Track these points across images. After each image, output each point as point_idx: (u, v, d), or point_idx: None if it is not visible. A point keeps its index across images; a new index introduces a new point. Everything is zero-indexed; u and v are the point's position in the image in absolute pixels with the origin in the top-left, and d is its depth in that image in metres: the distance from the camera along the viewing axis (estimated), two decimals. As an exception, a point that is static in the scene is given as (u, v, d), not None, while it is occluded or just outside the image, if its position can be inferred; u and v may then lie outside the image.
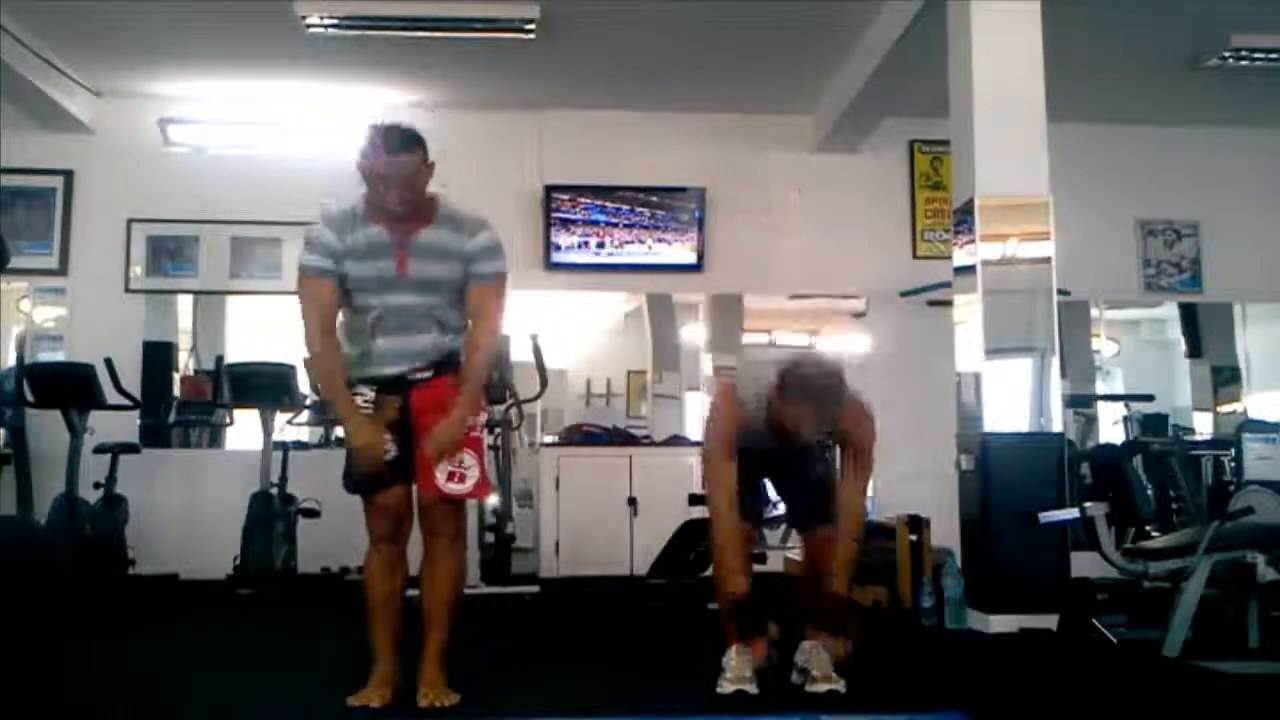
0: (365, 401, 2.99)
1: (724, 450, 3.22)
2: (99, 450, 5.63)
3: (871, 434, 3.32)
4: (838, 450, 3.38)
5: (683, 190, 6.88)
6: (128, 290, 6.64)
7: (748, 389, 3.22)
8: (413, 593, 3.06)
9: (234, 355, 6.45)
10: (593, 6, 5.48)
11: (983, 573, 4.49)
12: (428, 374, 3.01)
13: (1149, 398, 6.97)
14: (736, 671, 3.09)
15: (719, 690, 3.05)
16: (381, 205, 2.94)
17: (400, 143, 2.92)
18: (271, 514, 5.59)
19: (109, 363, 5.66)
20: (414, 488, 3.01)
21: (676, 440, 6.74)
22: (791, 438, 3.16)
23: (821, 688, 3.06)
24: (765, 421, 3.16)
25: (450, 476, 2.96)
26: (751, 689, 3.05)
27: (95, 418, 5.66)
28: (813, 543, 3.42)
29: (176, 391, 6.80)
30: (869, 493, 3.40)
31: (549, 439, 6.81)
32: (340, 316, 3.04)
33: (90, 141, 6.66)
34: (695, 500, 5.53)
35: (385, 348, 2.98)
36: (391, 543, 3.02)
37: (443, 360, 3.02)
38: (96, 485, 5.57)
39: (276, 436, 5.80)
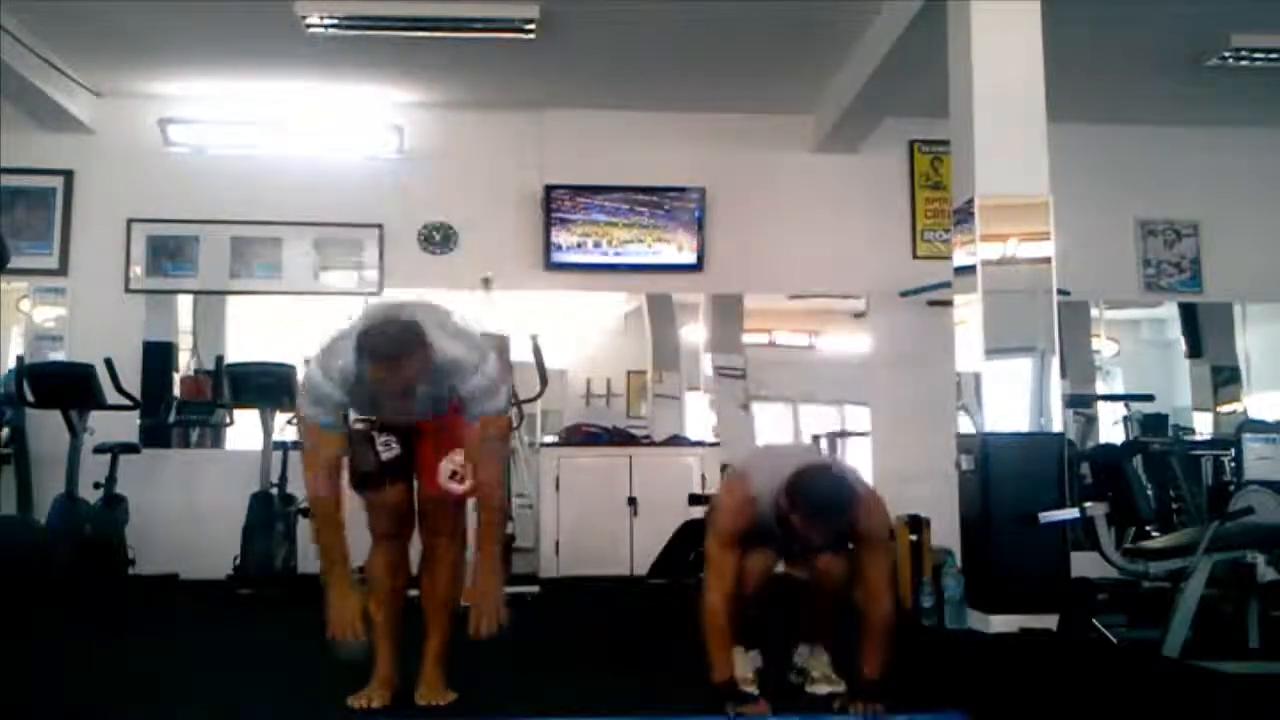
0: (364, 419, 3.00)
1: (726, 543, 3.02)
2: (99, 450, 5.63)
3: (884, 526, 3.07)
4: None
5: (683, 190, 6.88)
6: (128, 290, 6.64)
7: (763, 485, 2.98)
8: (413, 593, 3.06)
9: (234, 355, 6.45)
10: (593, 6, 5.48)
11: (983, 573, 4.49)
12: None
13: (1149, 398, 6.97)
14: (737, 673, 3.08)
15: (718, 691, 3.04)
16: (379, 401, 2.86)
17: (391, 349, 2.71)
18: (271, 514, 5.60)
19: (109, 363, 5.67)
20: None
21: (676, 440, 6.75)
22: (801, 543, 2.96)
23: (821, 689, 3.06)
24: (775, 521, 2.95)
25: (452, 475, 2.96)
26: (750, 691, 3.05)
27: (95, 418, 5.67)
28: (815, 567, 3.30)
29: (176, 391, 6.80)
30: (891, 583, 3.09)
31: (549, 439, 6.81)
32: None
33: (90, 141, 6.66)
34: (695, 500, 5.55)
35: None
36: (394, 540, 3.03)
37: None
38: (96, 485, 5.57)
39: (276, 436, 5.80)
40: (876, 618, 2.89)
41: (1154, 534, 4.74)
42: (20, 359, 6.13)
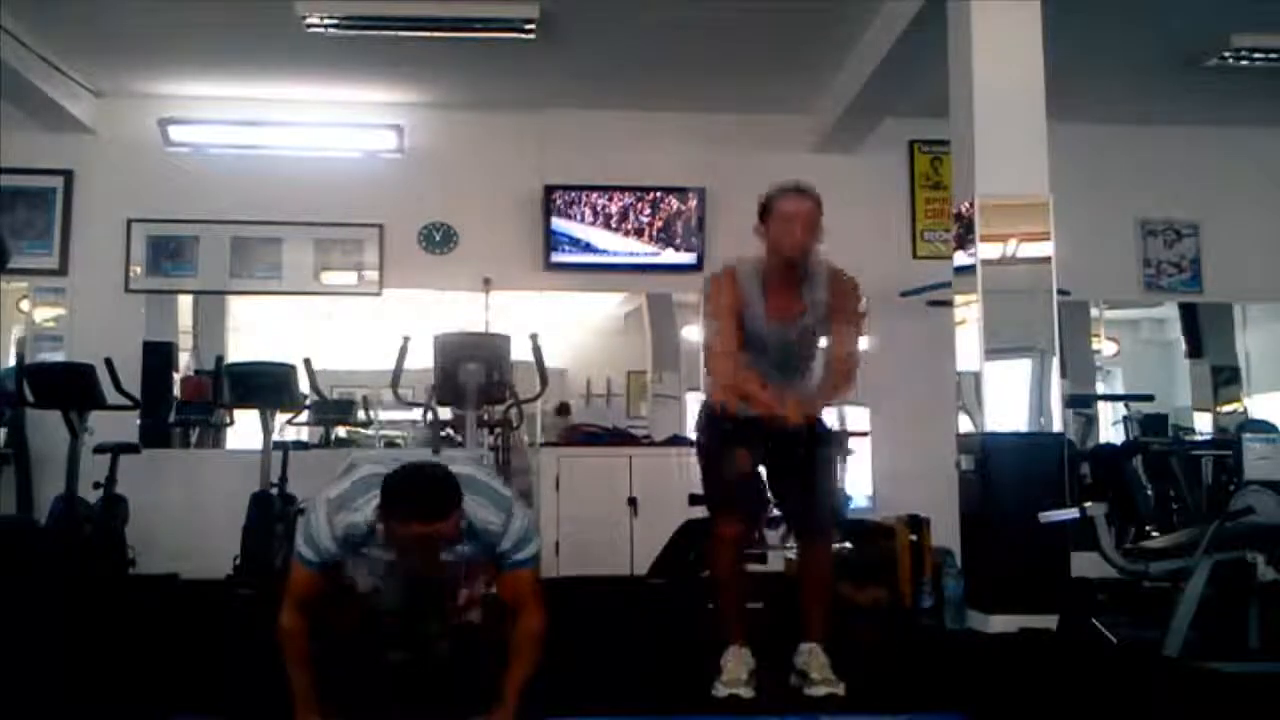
0: None
1: (724, 314, 3.24)
2: (99, 450, 5.62)
3: (858, 300, 3.40)
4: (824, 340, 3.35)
5: (683, 190, 6.88)
6: (128, 290, 6.64)
7: (741, 259, 3.30)
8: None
9: (234, 355, 6.45)
10: (593, 6, 5.48)
11: (983, 573, 4.49)
12: None
13: (1149, 398, 6.98)
14: (732, 674, 3.09)
15: (714, 694, 3.05)
16: (409, 564, 2.60)
17: (434, 508, 2.46)
18: (271, 514, 5.59)
19: (109, 363, 5.66)
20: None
21: (676, 440, 6.72)
22: (794, 256, 3.25)
23: (820, 690, 3.06)
24: (767, 258, 3.26)
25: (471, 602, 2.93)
26: (746, 693, 3.05)
27: (95, 418, 5.65)
28: (808, 557, 3.34)
29: (176, 391, 6.80)
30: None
31: (549, 439, 6.81)
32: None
33: (90, 141, 6.66)
34: (695, 500, 5.53)
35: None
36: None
37: None
38: (96, 485, 5.55)
39: (276, 436, 5.80)
40: (839, 362, 3.24)
41: (1154, 534, 4.75)
42: (20, 359, 6.13)
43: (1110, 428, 7.07)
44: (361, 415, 7.03)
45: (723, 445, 3.22)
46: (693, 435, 3.62)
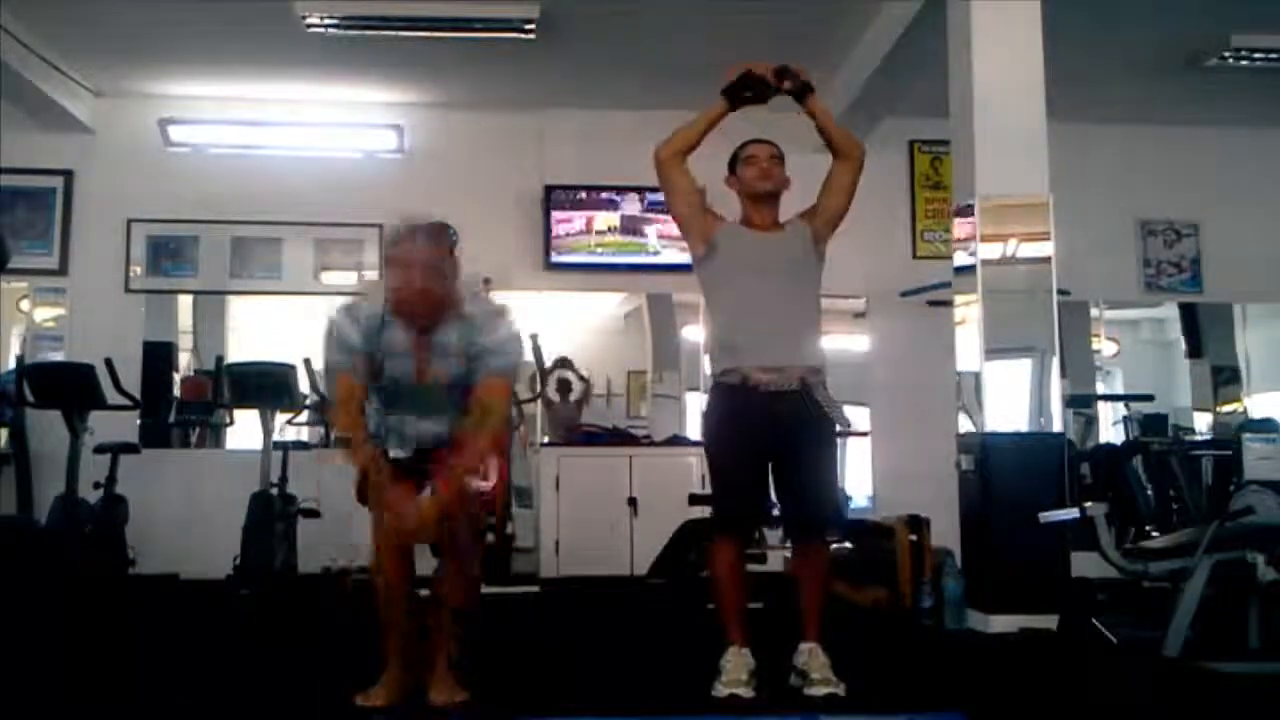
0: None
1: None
2: (99, 450, 5.62)
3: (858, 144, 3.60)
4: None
5: (682, 190, 6.85)
6: (128, 290, 6.64)
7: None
8: (421, 592, 3.06)
9: (234, 355, 6.45)
10: (593, 6, 5.48)
11: (983, 573, 4.49)
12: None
13: (1149, 398, 6.97)
14: (732, 675, 3.08)
15: (714, 694, 3.05)
16: (404, 292, 2.92)
17: (426, 235, 2.98)
18: (271, 514, 5.58)
19: (109, 363, 5.66)
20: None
21: (676, 440, 6.73)
22: (766, 188, 3.48)
23: (820, 691, 3.05)
24: (742, 203, 3.52)
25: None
26: (746, 693, 3.05)
27: (95, 418, 5.66)
28: (804, 562, 3.31)
29: (176, 391, 6.80)
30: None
31: (549, 439, 6.81)
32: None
33: (90, 141, 6.66)
34: (695, 500, 5.54)
35: (401, 430, 3.02)
36: (401, 548, 3.01)
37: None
38: (96, 485, 5.55)
39: (276, 436, 5.80)
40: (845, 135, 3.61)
41: (1154, 534, 4.75)
42: (20, 359, 6.13)
43: (1110, 428, 7.07)
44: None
45: (731, 434, 3.24)
46: (693, 436, 3.63)
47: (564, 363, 7.11)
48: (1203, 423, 7.26)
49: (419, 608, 3.05)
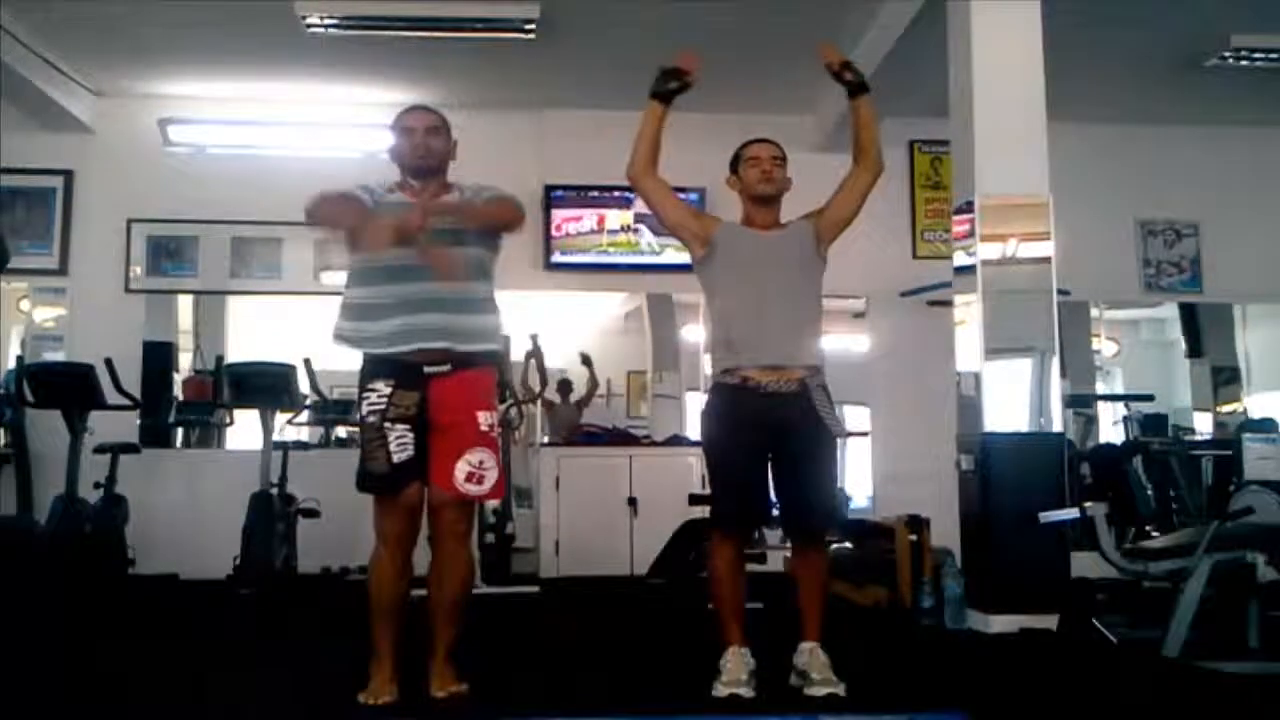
0: (380, 397, 2.97)
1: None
2: (99, 450, 5.63)
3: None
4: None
5: (682, 190, 6.84)
6: (128, 290, 6.64)
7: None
8: (419, 593, 3.06)
9: (234, 355, 6.45)
10: (593, 6, 5.49)
11: (983, 573, 4.49)
12: (445, 367, 2.99)
13: (1149, 398, 6.98)
14: (732, 675, 3.08)
15: (714, 694, 3.05)
16: (410, 144, 3.20)
17: (426, 107, 3.35)
18: (271, 514, 5.59)
19: (109, 363, 5.66)
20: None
21: (676, 440, 6.74)
22: (767, 190, 3.59)
23: (820, 691, 3.05)
24: (743, 204, 3.59)
25: (469, 477, 2.96)
26: (746, 693, 3.05)
27: (95, 418, 5.66)
28: (803, 561, 3.30)
29: (177, 391, 6.80)
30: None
31: (549, 439, 6.82)
32: (357, 294, 3.08)
33: (90, 141, 6.66)
34: (695, 500, 5.55)
35: (401, 325, 2.97)
36: (400, 543, 3.01)
37: (462, 355, 3.00)
38: (96, 485, 5.56)
39: (276, 436, 5.80)
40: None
41: (1154, 534, 4.75)
42: (20, 359, 6.13)
43: (1110, 428, 7.07)
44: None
45: (730, 433, 3.24)
46: (693, 436, 3.63)
47: (585, 360, 7.13)
48: (1203, 423, 7.27)
49: (408, 600, 3.05)
